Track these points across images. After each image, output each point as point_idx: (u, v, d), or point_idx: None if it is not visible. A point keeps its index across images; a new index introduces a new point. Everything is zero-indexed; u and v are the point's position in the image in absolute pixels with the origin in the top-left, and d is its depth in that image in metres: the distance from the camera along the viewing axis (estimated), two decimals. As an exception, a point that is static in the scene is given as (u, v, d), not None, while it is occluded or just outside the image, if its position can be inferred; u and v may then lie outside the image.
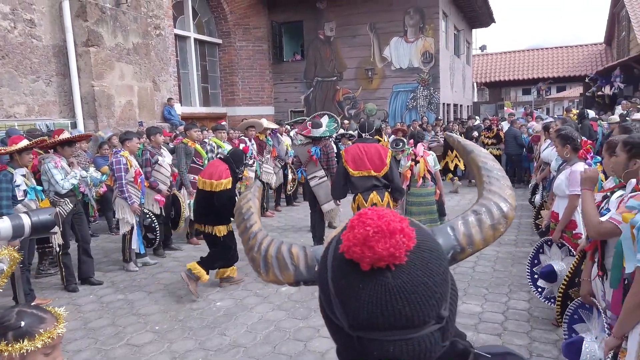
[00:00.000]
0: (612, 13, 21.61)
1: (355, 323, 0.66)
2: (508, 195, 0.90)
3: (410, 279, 0.65)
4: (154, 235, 6.22)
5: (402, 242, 0.65)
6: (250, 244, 0.94)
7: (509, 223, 0.87)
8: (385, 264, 0.64)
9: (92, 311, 4.72)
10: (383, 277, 0.65)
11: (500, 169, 0.98)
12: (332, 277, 0.69)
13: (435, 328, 0.67)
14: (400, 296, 0.64)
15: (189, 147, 6.82)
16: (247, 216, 1.01)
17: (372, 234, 0.64)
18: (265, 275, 0.89)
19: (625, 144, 2.60)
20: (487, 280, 5.18)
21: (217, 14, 14.83)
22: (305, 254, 0.85)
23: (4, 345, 1.43)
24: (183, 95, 13.53)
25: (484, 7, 17.91)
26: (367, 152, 5.01)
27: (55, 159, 5.11)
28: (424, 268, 0.66)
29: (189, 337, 4.08)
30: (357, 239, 0.65)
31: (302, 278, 0.84)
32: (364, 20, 14.73)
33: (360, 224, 0.66)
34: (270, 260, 0.88)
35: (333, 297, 0.69)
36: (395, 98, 14.90)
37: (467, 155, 1.06)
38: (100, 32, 9.14)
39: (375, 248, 0.64)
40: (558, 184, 4.06)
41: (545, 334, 3.87)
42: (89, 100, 9.10)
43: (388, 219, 0.66)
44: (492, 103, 25.49)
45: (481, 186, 0.94)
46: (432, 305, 0.65)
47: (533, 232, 6.72)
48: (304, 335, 4.02)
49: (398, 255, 0.64)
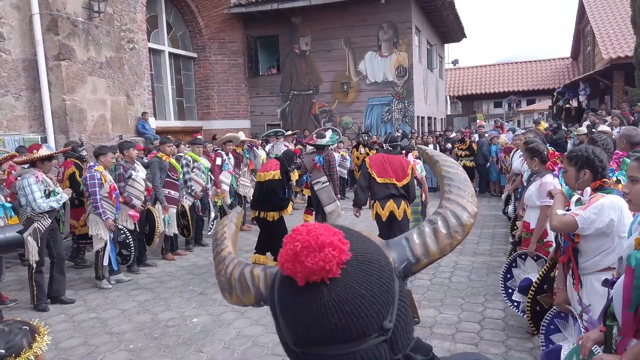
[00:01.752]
0: (577, 29, 22.42)
1: (297, 339, 0.67)
2: (466, 202, 0.88)
3: (345, 292, 0.65)
4: (128, 252, 6.10)
5: (331, 256, 0.64)
6: (219, 268, 0.96)
7: (467, 230, 0.85)
8: (320, 278, 0.65)
9: (63, 331, 4.58)
10: (318, 291, 0.65)
11: (465, 177, 0.97)
12: (277, 294, 0.71)
13: (379, 340, 0.66)
14: (335, 309, 0.64)
15: (163, 161, 6.75)
16: (220, 242, 1.03)
17: (300, 249, 0.65)
18: (229, 297, 0.91)
19: (571, 159, 2.69)
20: (463, 290, 5.24)
21: (192, 28, 14.80)
22: (265, 275, 0.86)
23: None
24: (157, 109, 13.40)
25: (456, 22, 18.35)
26: (391, 162, 5.33)
27: (36, 173, 5.00)
28: (361, 280, 0.66)
29: (164, 355, 4.00)
30: (288, 255, 0.66)
31: (262, 298, 0.85)
32: (338, 35, 14.91)
33: (291, 240, 0.67)
34: (234, 282, 0.89)
35: (278, 314, 0.70)
36: (371, 111, 15.08)
37: (434, 166, 1.07)
38: (72, 46, 9.00)
39: (305, 263, 0.64)
40: (529, 195, 4.17)
41: (521, 343, 3.93)
42: (60, 114, 8.93)
43: (317, 232, 0.66)
44: (465, 116, 26.04)
45: (442, 195, 0.94)
46: (371, 317, 0.65)
47: (507, 242, 6.85)
48: (282, 350, 3.97)
49: (329, 269, 0.64)
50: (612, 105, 15.02)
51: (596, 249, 2.54)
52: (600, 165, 2.60)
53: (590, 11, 18.81)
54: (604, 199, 2.47)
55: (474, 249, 6.81)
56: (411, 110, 14.77)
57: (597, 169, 2.60)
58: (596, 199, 2.49)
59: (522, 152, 6.20)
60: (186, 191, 7.18)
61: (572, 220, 2.46)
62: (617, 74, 15.93)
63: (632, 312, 1.76)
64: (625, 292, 1.81)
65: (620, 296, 1.84)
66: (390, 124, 14.83)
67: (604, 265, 2.54)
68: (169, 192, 6.78)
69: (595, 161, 2.60)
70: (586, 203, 2.53)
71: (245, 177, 8.62)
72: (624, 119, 9.46)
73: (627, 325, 1.79)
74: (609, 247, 2.52)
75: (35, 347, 1.47)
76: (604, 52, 15.89)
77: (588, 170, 2.62)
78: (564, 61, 26.08)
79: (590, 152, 2.64)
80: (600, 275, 2.53)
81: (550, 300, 3.59)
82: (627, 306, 1.79)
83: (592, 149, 2.68)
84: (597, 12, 18.64)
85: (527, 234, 4.25)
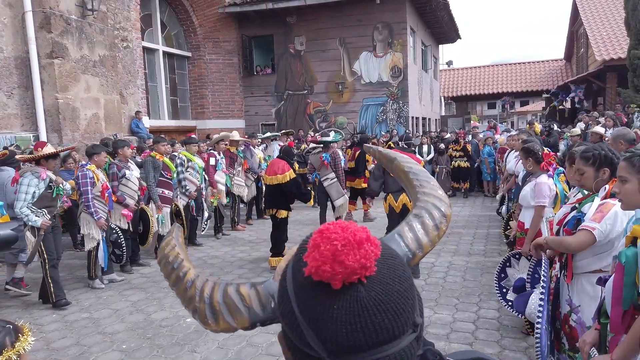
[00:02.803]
0: (571, 31, 22.56)
1: (335, 348, 0.62)
2: (441, 195, 0.91)
3: (383, 290, 0.62)
4: (121, 251, 6.05)
5: (370, 251, 0.62)
6: (189, 294, 0.83)
7: (448, 221, 0.87)
8: (357, 278, 0.61)
9: (55, 331, 4.53)
10: (356, 292, 0.61)
11: (426, 172, 0.98)
12: (298, 305, 0.65)
13: (413, 337, 0.65)
14: (378, 308, 0.61)
15: (157, 160, 6.71)
16: (177, 264, 0.90)
17: (340, 248, 0.61)
18: (214, 324, 0.80)
19: (587, 159, 2.62)
20: (458, 290, 5.24)
21: (187, 27, 14.75)
22: (256, 292, 0.78)
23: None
24: (151, 108, 13.34)
25: (450, 23, 18.42)
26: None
27: (40, 170, 4.97)
28: (394, 275, 0.64)
29: (157, 355, 3.97)
30: (326, 257, 0.61)
31: (258, 319, 0.77)
32: (333, 35, 14.91)
33: (325, 240, 0.63)
34: (218, 307, 0.79)
35: (304, 327, 0.63)
36: (366, 111, 15.08)
37: (391, 164, 1.05)
38: (65, 44, 8.94)
39: (345, 262, 0.60)
40: (524, 195, 4.18)
41: (516, 342, 3.93)
42: (52, 113, 8.86)
43: (353, 229, 0.63)
44: (459, 117, 26.11)
45: (413, 190, 0.94)
46: (407, 313, 0.63)
47: (501, 242, 6.86)
48: (277, 350, 3.96)
49: (369, 266, 0.61)
50: (606, 107, 15.12)
51: (592, 251, 2.52)
52: (619, 162, 2.58)
53: (584, 13, 18.92)
54: (616, 207, 2.40)
55: (469, 249, 6.82)
56: (406, 111, 14.79)
57: (616, 165, 2.49)
58: (608, 207, 2.42)
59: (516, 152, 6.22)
60: (180, 191, 7.14)
61: (590, 235, 2.40)
62: (610, 75, 16.04)
63: (621, 309, 1.77)
64: (614, 289, 1.81)
65: (611, 293, 1.84)
66: (384, 124, 14.85)
67: (596, 267, 2.53)
68: (163, 192, 6.74)
69: (613, 158, 2.56)
70: (596, 211, 2.46)
71: (239, 176, 8.58)
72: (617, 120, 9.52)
73: (617, 322, 1.80)
74: (605, 251, 2.49)
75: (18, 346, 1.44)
76: (597, 54, 15.99)
77: (607, 168, 2.56)
78: (557, 63, 26.25)
79: (607, 150, 2.60)
80: (592, 277, 2.53)
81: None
82: (616, 303, 1.81)
83: (606, 147, 2.63)
84: (590, 14, 18.76)
85: (522, 234, 4.25)
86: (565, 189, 4.39)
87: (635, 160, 2.03)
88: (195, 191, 7.30)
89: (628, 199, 2.04)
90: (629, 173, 2.04)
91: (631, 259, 1.82)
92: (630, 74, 13.49)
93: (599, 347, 2.06)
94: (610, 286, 1.89)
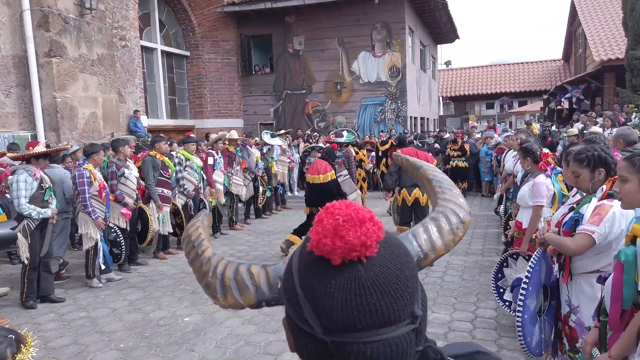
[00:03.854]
0: (569, 31, 22.60)
1: (330, 324, 0.63)
2: (462, 202, 0.93)
3: (382, 272, 0.63)
4: (119, 250, 6.05)
5: (372, 231, 0.63)
6: (204, 269, 0.89)
7: (465, 228, 0.89)
8: (357, 256, 0.62)
9: (52, 330, 4.53)
10: (355, 270, 0.63)
11: (449, 180, 1.01)
12: (299, 280, 0.66)
13: (410, 328, 0.64)
14: (374, 289, 0.62)
15: (156, 159, 6.70)
16: (198, 243, 0.97)
17: (342, 222, 0.63)
18: (223, 298, 0.84)
19: (581, 161, 2.60)
20: (456, 289, 5.25)
21: (185, 26, 14.74)
22: (266, 272, 0.82)
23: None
24: (150, 108, 13.33)
25: (449, 23, 18.43)
26: (419, 156, 6.07)
27: (33, 169, 4.95)
28: (395, 261, 0.65)
29: (155, 354, 3.97)
30: (327, 230, 0.63)
31: (264, 298, 0.80)
32: (332, 35, 14.91)
33: (329, 215, 0.65)
34: (228, 282, 0.83)
35: (303, 302, 0.65)
36: (364, 111, 15.09)
37: (416, 171, 1.09)
38: (63, 43, 8.92)
39: (346, 237, 0.62)
40: (522, 195, 4.19)
41: (513, 342, 3.94)
42: (50, 112, 8.84)
43: (356, 207, 0.65)
44: (458, 117, 26.15)
45: (435, 196, 0.96)
46: (405, 300, 0.64)
47: (499, 241, 6.88)
48: (275, 349, 3.97)
49: (369, 245, 0.62)
50: (604, 107, 15.15)
51: (590, 252, 2.52)
52: (613, 162, 2.55)
53: (582, 13, 18.96)
54: (613, 208, 2.40)
55: (466, 249, 6.83)
56: (404, 111, 14.80)
57: (610, 165, 2.55)
58: (605, 209, 2.41)
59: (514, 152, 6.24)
60: (179, 190, 7.14)
61: (590, 239, 2.40)
62: (608, 75, 16.08)
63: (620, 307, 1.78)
64: (613, 287, 1.82)
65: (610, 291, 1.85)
66: (383, 124, 14.85)
67: (594, 267, 2.53)
68: (162, 191, 6.73)
69: (608, 158, 2.56)
70: (594, 213, 2.44)
71: (237, 175, 8.58)
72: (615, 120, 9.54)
73: (616, 319, 1.81)
74: (603, 251, 2.49)
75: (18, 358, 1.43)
76: (595, 54, 16.02)
77: (603, 168, 2.56)
78: (555, 63, 26.30)
79: (601, 150, 2.58)
80: (590, 278, 2.53)
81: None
82: (615, 301, 1.81)
83: (599, 147, 2.62)
84: (588, 15, 18.80)
85: (519, 234, 4.26)
86: (563, 189, 4.40)
87: (636, 160, 2.04)
88: (194, 190, 7.30)
89: (628, 198, 2.05)
90: (629, 173, 2.04)
91: (631, 258, 1.83)
92: (628, 74, 13.53)
93: (599, 345, 2.07)
94: (609, 284, 1.90)
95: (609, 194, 2.48)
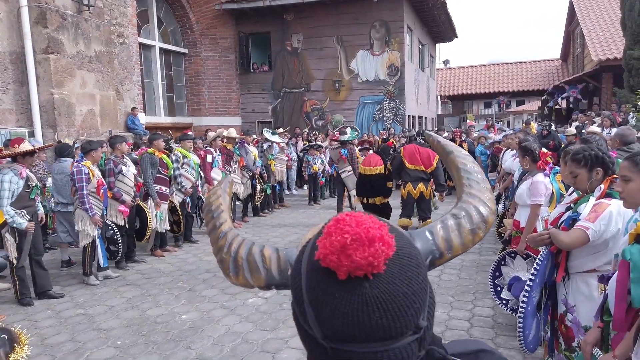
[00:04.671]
0: (567, 31, 22.63)
1: (330, 334, 0.63)
2: (487, 198, 0.87)
3: (388, 289, 0.62)
4: (117, 248, 6.04)
5: (381, 251, 0.61)
6: (220, 244, 0.89)
7: (488, 227, 0.84)
8: (364, 274, 0.61)
9: (49, 327, 4.52)
10: (360, 286, 0.61)
11: (480, 171, 0.94)
12: (306, 284, 0.66)
13: (413, 339, 0.64)
14: (378, 307, 0.61)
15: (154, 157, 6.69)
16: (217, 214, 0.95)
17: (350, 242, 0.61)
18: (234, 277, 0.84)
19: (579, 161, 2.59)
20: (453, 288, 5.26)
21: (183, 24, 14.70)
22: (277, 257, 0.81)
23: None
24: (147, 105, 13.30)
25: (447, 22, 18.43)
26: (420, 153, 6.68)
27: (19, 168, 4.90)
28: (403, 277, 0.63)
29: (152, 351, 3.96)
30: (334, 247, 0.61)
31: (273, 282, 0.80)
32: (330, 33, 14.90)
33: (338, 230, 0.62)
34: (241, 262, 0.83)
35: (307, 306, 0.65)
36: (362, 110, 15.09)
37: (446, 156, 1.02)
38: (60, 39, 8.88)
39: (353, 257, 0.60)
40: (520, 194, 4.19)
41: (510, 340, 3.95)
42: (48, 108, 8.81)
43: (367, 225, 0.62)
44: (456, 116, 26.16)
45: (461, 189, 0.91)
46: (410, 316, 0.63)
47: (496, 240, 6.88)
48: (272, 347, 3.97)
49: (377, 265, 0.61)
50: (601, 107, 15.18)
51: (587, 251, 2.52)
52: (610, 161, 2.54)
53: (580, 13, 18.98)
54: (610, 207, 2.40)
55: (464, 248, 6.83)
56: (402, 109, 14.80)
57: (608, 164, 2.54)
58: (603, 207, 2.41)
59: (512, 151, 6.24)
60: (176, 187, 7.12)
61: (583, 234, 2.40)
62: (606, 75, 16.11)
63: (625, 306, 1.77)
64: (618, 286, 1.81)
65: (614, 291, 1.84)
66: (381, 123, 14.85)
67: (591, 266, 2.53)
68: (160, 188, 6.72)
69: (605, 157, 2.54)
70: (591, 211, 2.44)
71: (235, 173, 8.57)
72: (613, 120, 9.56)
73: (620, 319, 1.80)
74: (599, 250, 2.48)
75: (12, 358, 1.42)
76: (594, 54, 16.05)
77: (600, 168, 2.54)
78: (553, 62, 26.33)
79: (597, 150, 2.57)
80: (587, 277, 2.53)
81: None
82: (620, 300, 1.80)
83: (596, 147, 2.60)
84: (587, 15, 18.82)
85: (517, 232, 4.26)
86: (561, 188, 4.40)
87: (638, 159, 2.04)
88: (191, 188, 7.29)
89: (632, 198, 2.05)
90: (631, 172, 2.04)
91: (636, 257, 1.81)
92: (625, 74, 13.55)
93: (601, 346, 2.06)
94: (613, 284, 1.88)
95: (607, 193, 2.48)
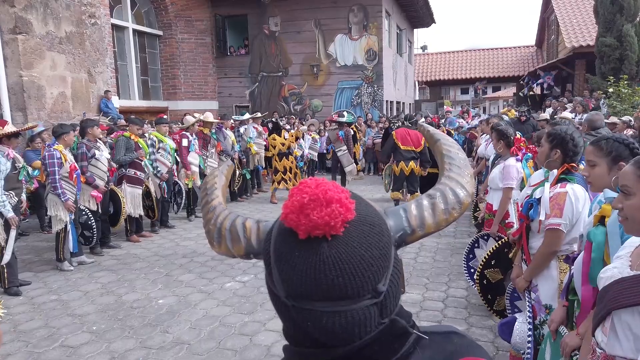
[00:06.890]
0: (542, 18, 22.89)
1: (291, 291, 0.67)
2: (466, 182, 0.89)
3: (345, 250, 0.65)
4: (91, 233, 5.95)
5: (338, 212, 0.64)
6: (208, 216, 0.95)
7: (463, 209, 0.86)
8: (322, 234, 0.65)
9: (22, 313, 4.44)
10: (319, 246, 0.65)
11: (465, 158, 0.97)
12: (273, 245, 0.71)
13: (371, 302, 0.67)
14: (334, 266, 0.64)
15: (130, 140, 6.57)
16: (210, 191, 1.03)
17: (307, 202, 0.65)
18: (217, 247, 0.90)
19: (548, 135, 2.66)
20: (428, 270, 5.36)
21: (157, 5, 14.34)
22: (257, 228, 0.85)
23: None
24: (121, 88, 12.99)
25: (425, 7, 18.44)
26: (410, 134, 7.68)
27: (5, 149, 4.83)
28: (362, 241, 0.66)
29: (129, 336, 3.94)
30: (294, 206, 0.66)
31: (252, 250, 0.84)
32: (308, 16, 14.75)
33: (298, 191, 0.67)
34: (224, 232, 0.89)
35: (272, 265, 0.70)
36: (341, 94, 15.06)
37: (434, 144, 1.06)
38: (29, 19, 8.58)
39: (310, 216, 0.64)
40: (492, 177, 4.28)
41: (482, 320, 4.06)
42: (16, 91, 8.54)
43: (326, 187, 0.66)
44: (433, 101, 26.36)
45: (442, 173, 0.94)
46: (367, 278, 0.65)
47: (471, 224, 7.02)
48: (250, 329, 3.99)
49: (334, 225, 0.64)
50: (574, 93, 15.48)
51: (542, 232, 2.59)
52: (573, 149, 2.54)
53: (555, 0, 19.20)
54: (568, 194, 2.44)
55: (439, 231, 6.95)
56: (380, 95, 14.83)
57: (568, 151, 2.54)
58: (562, 198, 2.45)
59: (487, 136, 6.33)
60: (152, 172, 7.03)
61: (557, 232, 2.46)
62: (579, 62, 16.38)
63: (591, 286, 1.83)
64: (584, 267, 1.88)
65: (580, 271, 1.91)
66: (359, 108, 14.86)
67: None
68: (135, 173, 6.63)
69: (569, 143, 2.54)
70: (552, 204, 2.48)
71: (212, 158, 8.49)
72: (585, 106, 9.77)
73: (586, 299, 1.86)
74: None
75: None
76: (567, 41, 16.30)
77: (559, 150, 2.56)
78: (528, 49, 26.62)
79: (567, 134, 2.58)
80: None
81: (498, 275, 3.76)
82: (585, 282, 1.87)
83: (572, 131, 2.62)
84: (561, 2, 19.05)
85: (490, 215, 4.36)
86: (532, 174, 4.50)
87: (602, 144, 2.10)
88: (167, 173, 7.20)
89: (597, 182, 2.11)
90: (597, 157, 2.10)
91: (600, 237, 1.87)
92: (597, 61, 13.81)
93: (567, 323, 2.13)
94: (579, 264, 1.94)
95: (560, 178, 2.54)
